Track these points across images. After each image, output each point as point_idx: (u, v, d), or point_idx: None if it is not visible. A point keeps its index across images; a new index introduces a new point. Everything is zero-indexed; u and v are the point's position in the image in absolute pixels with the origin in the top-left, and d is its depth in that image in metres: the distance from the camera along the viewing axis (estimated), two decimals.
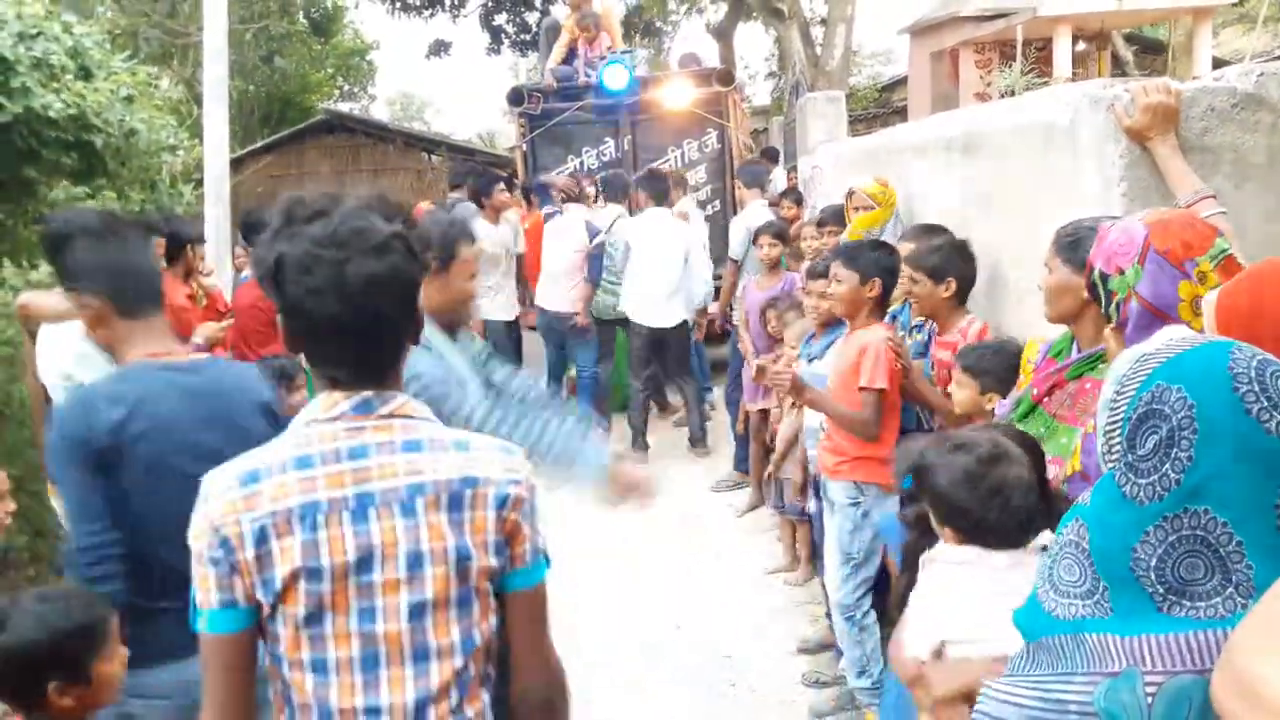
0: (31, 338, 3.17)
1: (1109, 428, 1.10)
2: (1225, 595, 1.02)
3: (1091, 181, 2.53)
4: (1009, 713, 1.09)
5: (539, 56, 10.02)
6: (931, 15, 15.22)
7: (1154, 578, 1.05)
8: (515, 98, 8.15)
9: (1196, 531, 1.02)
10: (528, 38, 17.72)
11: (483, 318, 6.47)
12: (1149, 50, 15.93)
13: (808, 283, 3.99)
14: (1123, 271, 1.71)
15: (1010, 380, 2.50)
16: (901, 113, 15.47)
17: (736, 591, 4.43)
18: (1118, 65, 14.86)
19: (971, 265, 3.08)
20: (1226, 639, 0.96)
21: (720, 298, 6.76)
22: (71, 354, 3.01)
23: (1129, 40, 15.55)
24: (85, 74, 5.53)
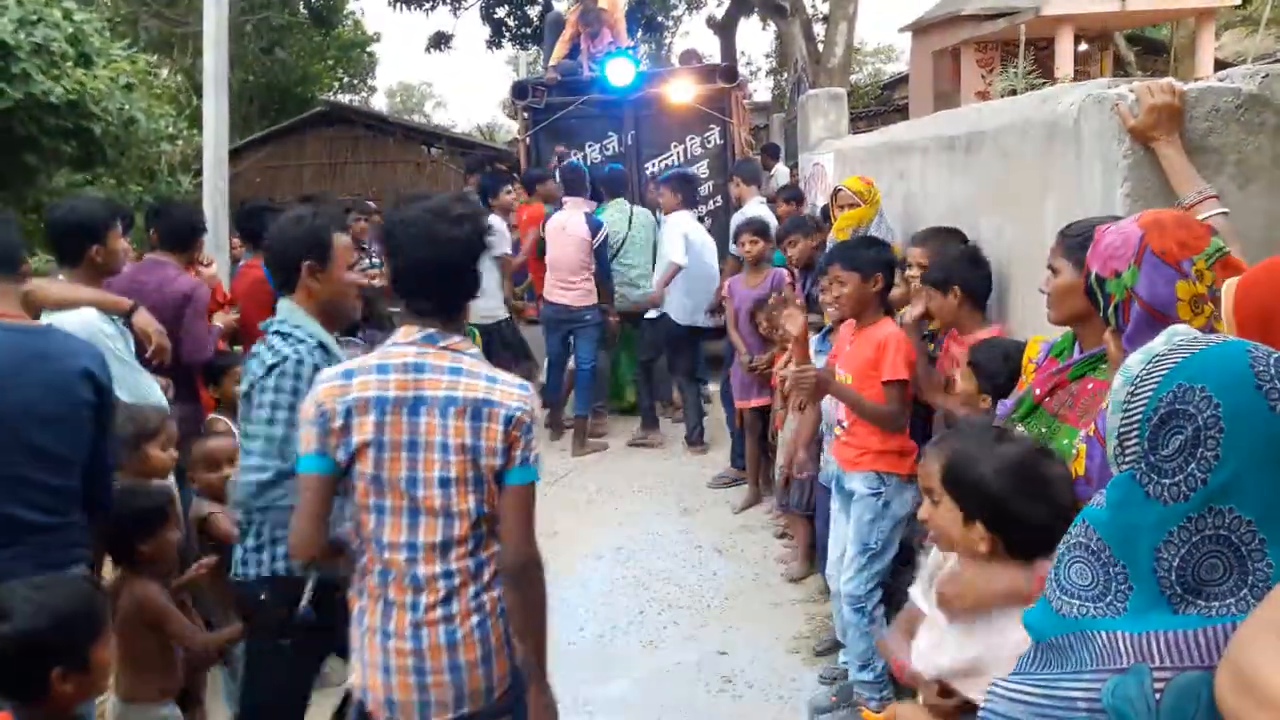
0: None
1: (1124, 429, 1.08)
2: (1239, 596, 1.02)
3: (1095, 181, 2.52)
4: (1018, 710, 1.08)
5: (543, 50, 9.98)
6: (933, 13, 15.21)
7: (1174, 578, 1.04)
8: (520, 91, 8.16)
9: (1220, 531, 1.02)
10: (529, 31, 17.63)
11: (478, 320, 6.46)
12: (1151, 51, 15.93)
13: (821, 280, 4.01)
14: (1119, 274, 1.70)
15: (1008, 387, 2.53)
16: (903, 111, 15.46)
17: (733, 588, 4.43)
18: (1119, 66, 14.86)
19: (981, 271, 3.10)
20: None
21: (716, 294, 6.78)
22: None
23: (1131, 41, 15.55)
24: (85, 61, 5.52)
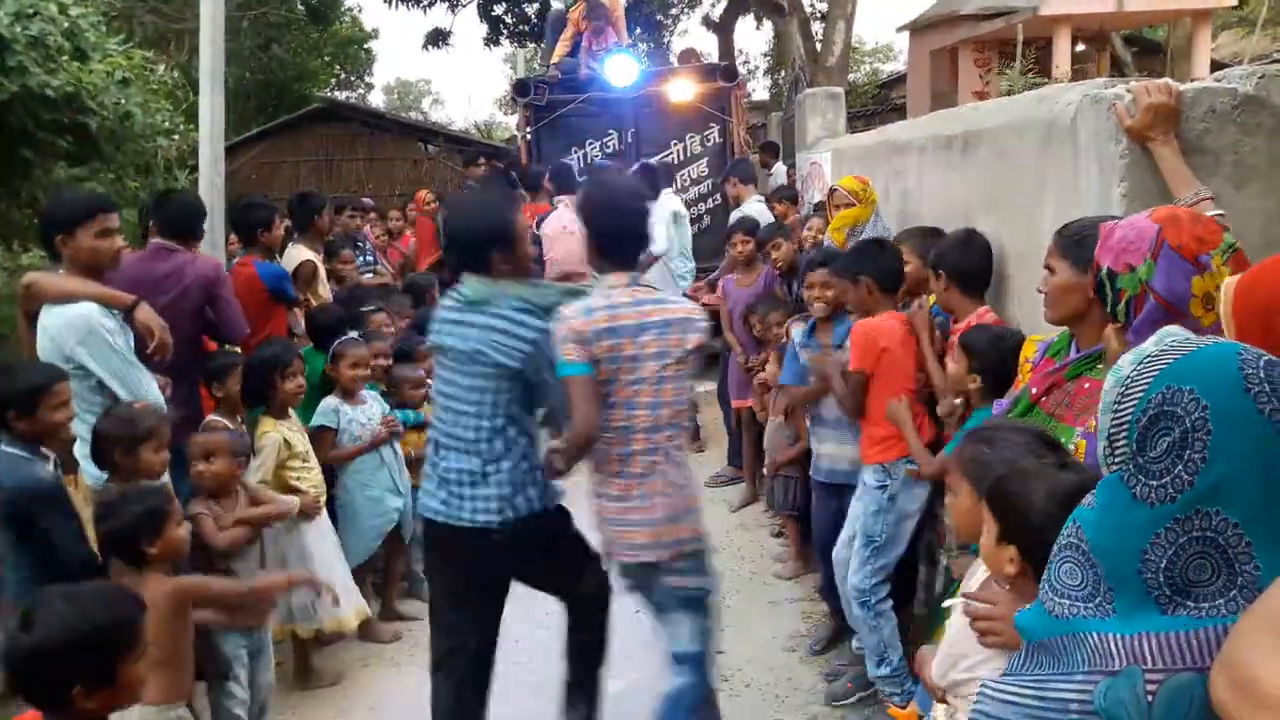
0: (28, 318, 3.14)
1: (1114, 430, 1.09)
2: (1229, 597, 1.02)
3: (1092, 181, 2.52)
4: (1009, 712, 1.08)
5: (544, 48, 9.96)
6: (931, 13, 15.22)
7: (1162, 579, 1.04)
8: (522, 89, 8.20)
9: (1207, 533, 1.02)
10: (526, 28, 17.62)
11: None
12: (1148, 52, 15.95)
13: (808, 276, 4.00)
14: (1133, 268, 1.70)
15: (998, 369, 2.57)
16: (900, 110, 15.46)
17: (730, 586, 4.42)
18: (1116, 66, 14.88)
19: (970, 254, 3.03)
20: (1227, 635, 0.96)
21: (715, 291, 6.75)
22: (74, 335, 2.99)
23: (1128, 42, 15.56)
24: (81, 55, 5.50)
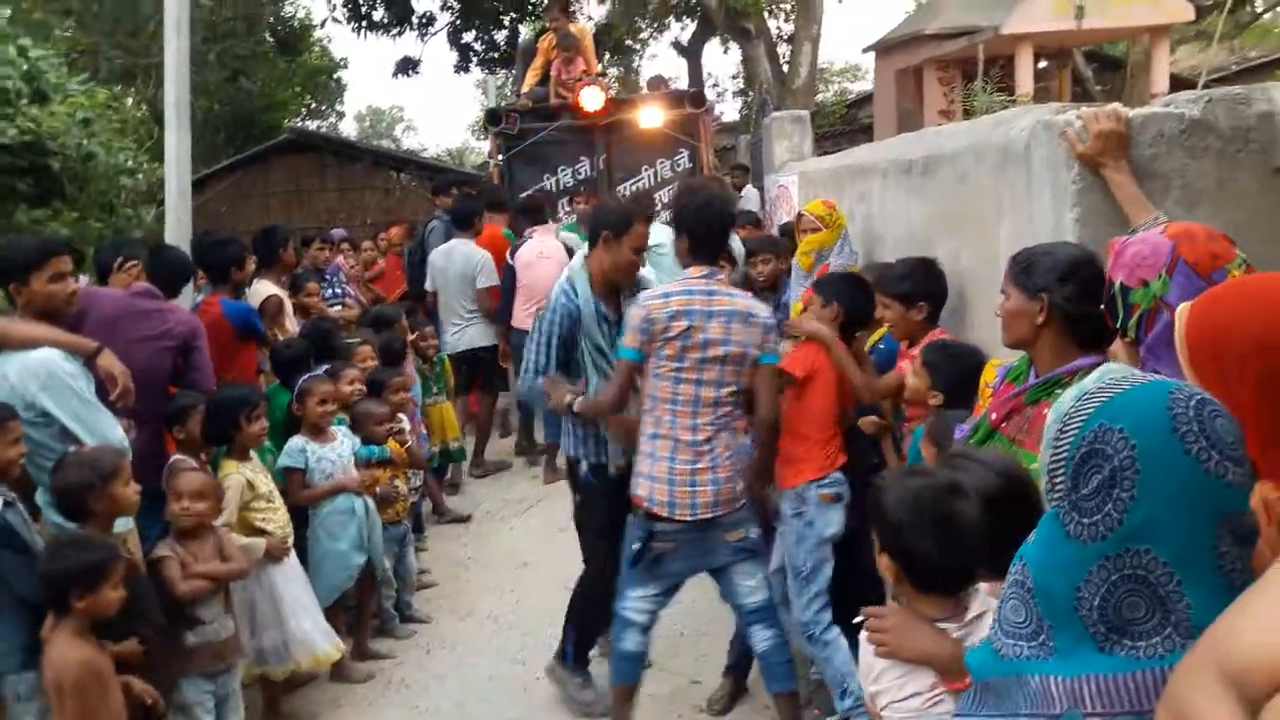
0: None
1: (1052, 465, 1.10)
2: (1164, 635, 1.02)
3: (1045, 206, 2.55)
4: None
5: (514, 76, 10.00)
6: (896, 33, 15.43)
7: (1096, 617, 1.05)
8: (493, 118, 8.24)
9: (1138, 571, 1.02)
10: (496, 55, 17.70)
11: (471, 345, 6.41)
12: (1108, 67, 16.23)
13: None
14: (1147, 283, 1.71)
15: (959, 385, 2.58)
16: (868, 130, 15.63)
17: (706, 614, 4.40)
18: (1078, 82, 15.13)
19: (940, 283, 3.10)
20: (1165, 678, 0.96)
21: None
22: (35, 381, 2.94)
23: (1089, 58, 15.83)
24: (42, 97, 5.47)
